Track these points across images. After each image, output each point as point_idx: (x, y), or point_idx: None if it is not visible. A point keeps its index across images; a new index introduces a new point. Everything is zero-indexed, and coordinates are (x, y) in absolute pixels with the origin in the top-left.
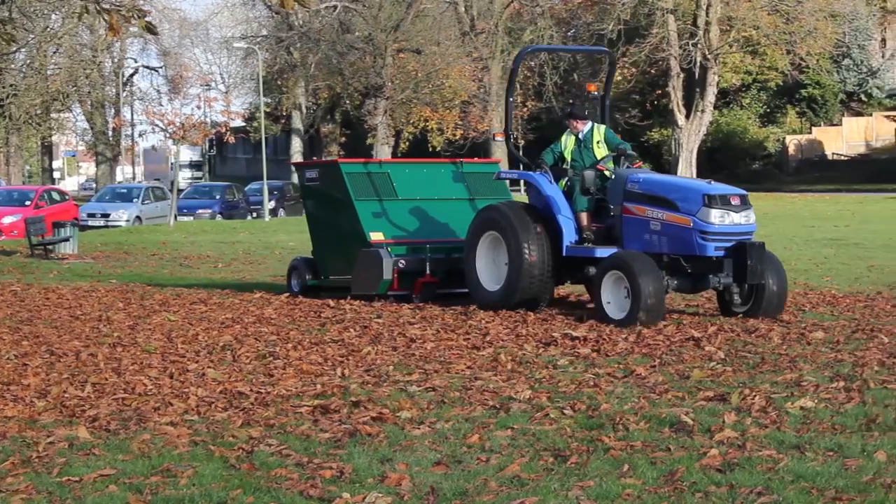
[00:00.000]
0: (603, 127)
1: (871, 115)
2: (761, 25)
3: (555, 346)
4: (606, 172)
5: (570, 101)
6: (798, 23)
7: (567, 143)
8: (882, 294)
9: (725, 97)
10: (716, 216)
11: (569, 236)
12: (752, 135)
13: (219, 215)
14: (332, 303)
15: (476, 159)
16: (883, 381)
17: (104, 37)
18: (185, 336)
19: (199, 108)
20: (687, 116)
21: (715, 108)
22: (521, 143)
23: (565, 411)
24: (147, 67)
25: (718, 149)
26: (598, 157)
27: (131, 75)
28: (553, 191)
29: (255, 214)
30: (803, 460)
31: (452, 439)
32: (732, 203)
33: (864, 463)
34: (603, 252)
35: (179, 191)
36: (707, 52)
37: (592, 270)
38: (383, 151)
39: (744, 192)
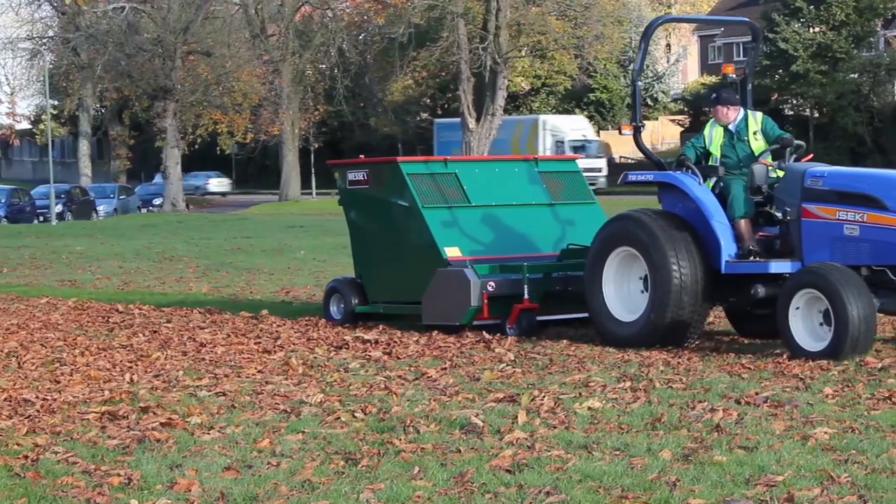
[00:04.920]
0: (759, 115)
1: (656, 119)
2: (550, 30)
3: (346, 349)
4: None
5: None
6: (586, 28)
7: (714, 135)
8: None
9: (515, 101)
10: None
11: (728, 249)
12: None
13: (4, 219)
14: (120, 308)
15: (552, 156)
16: (668, 381)
17: None
18: None
19: None
20: (477, 120)
21: (505, 111)
22: (313, 146)
23: (356, 414)
24: None
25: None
26: (756, 152)
27: None
28: (704, 194)
29: (41, 218)
30: (591, 460)
31: (243, 444)
32: None
33: (649, 461)
34: (780, 266)
35: None
36: (497, 57)
37: (762, 291)
38: (173, 154)
39: None
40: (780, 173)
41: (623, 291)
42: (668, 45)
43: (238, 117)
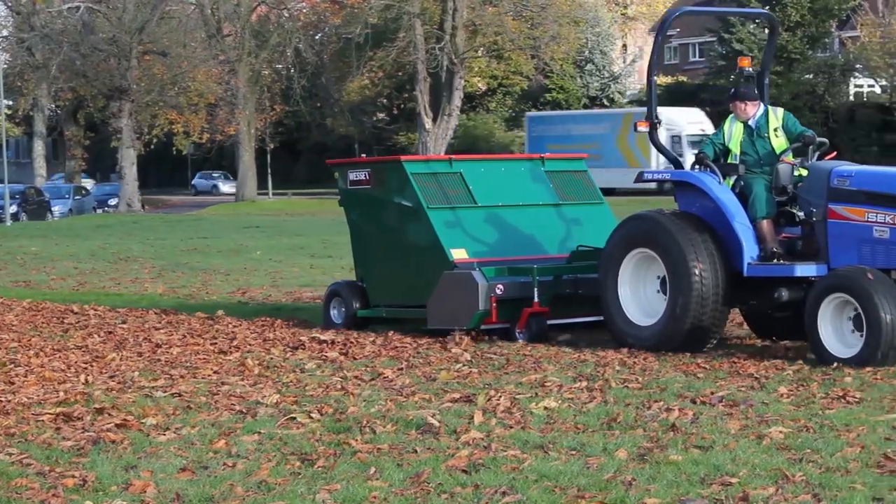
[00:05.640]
0: (780, 111)
1: None
2: (506, 31)
3: (302, 349)
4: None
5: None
6: (542, 28)
7: (733, 132)
8: None
9: (472, 101)
10: None
11: (750, 251)
12: (497, 138)
13: None
14: (75, 308)
15: (559, 155)
16: (624, 380)
17: None
18: None
19: None
20: (434, 120)
21: (461, 112)
22: (270, 146)
23: (312, 415)
24: None
25: (465, 152)
26: (777, 149)
27: None
28: (725, 193)
29: None
30: (547, 459)
31: (198, 445)
32: None
33: (605, 461)
34: (805, 269)
35: None
36: (453, 57)
37: (785, 294)
38: (128, 155)
39: None
40: (804, 172)
41: (639, 294)
42: (625, 46)
43: (194, 117)
